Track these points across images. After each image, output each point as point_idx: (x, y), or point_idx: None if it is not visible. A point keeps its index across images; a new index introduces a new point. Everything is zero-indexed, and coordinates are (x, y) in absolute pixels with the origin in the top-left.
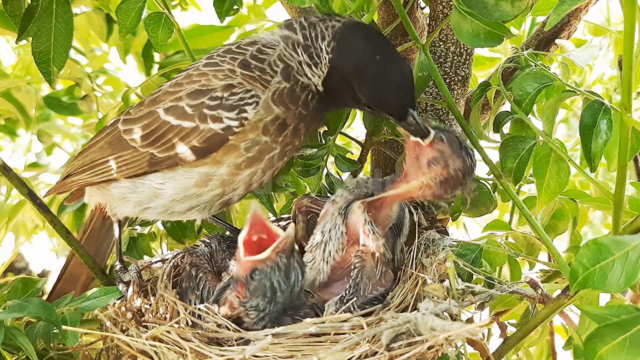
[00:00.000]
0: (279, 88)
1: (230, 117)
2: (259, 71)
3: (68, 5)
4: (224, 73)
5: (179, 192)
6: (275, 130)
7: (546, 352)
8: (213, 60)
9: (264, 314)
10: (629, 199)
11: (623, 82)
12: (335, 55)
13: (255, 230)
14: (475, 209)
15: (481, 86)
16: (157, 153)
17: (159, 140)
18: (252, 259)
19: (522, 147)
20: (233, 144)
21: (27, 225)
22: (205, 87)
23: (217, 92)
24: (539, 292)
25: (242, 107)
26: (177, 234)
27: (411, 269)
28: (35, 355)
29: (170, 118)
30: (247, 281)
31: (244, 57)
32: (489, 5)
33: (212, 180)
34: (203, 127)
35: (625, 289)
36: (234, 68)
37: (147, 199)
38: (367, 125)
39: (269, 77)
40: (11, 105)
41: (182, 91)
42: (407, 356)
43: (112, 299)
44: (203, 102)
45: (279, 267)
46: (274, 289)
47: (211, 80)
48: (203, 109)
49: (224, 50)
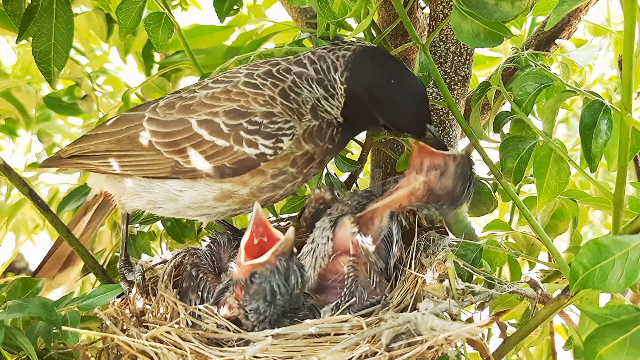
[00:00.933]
0: (310, 126)
1: (267, 144)
2: (297, 104)
3: (68, 5)
4: (264, 99)
5: (196, 201)
6: (302, 163)
7: (546, 352)
8: (254, 81)
9: (264, 316)
10: (629, 199)
11: (623, 82)
12: (349, 84)
13: (257, 233)
14: (476, 209)
15: (481, 86)
16: (182, 162)
17: (188, 151)
18: (252, 263)
19: (522, 147)
20: (262, 170)
21: (27, 225)
22: (244, 109)
23: (257, 117)
24: (539, 292)
25: (280, 137)
26: (177, 233)
27: (409, 268)
28: (35, 355)
29: (203, 132)
30: (247, 284)
31: (284, 87)
32: (489, 5)
33: (232, 197)
34: (237, 149)
35: (625, 289)
36: (275, 96)
37: (161, 201)
38: None
39: (304, 112)
40: (11, 105)
41: (219, 107)
42: (407, 356)
43: (112, 297)
44: (241, 124)
45: (279, 270)
46: (274, 292)
47: (251, 104)
48: (240, 131)
49: (264, 71)
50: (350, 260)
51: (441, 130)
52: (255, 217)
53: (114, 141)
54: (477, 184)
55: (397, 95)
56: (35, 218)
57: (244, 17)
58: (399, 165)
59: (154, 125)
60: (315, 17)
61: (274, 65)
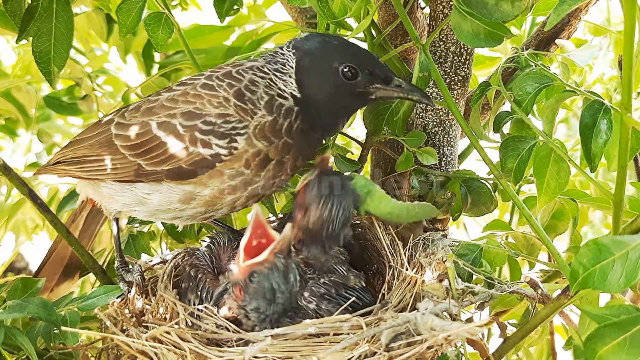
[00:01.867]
0: (262, 122)
1: (220, 144)
2: (251, 104)
3: (68, 5)
4: (218, 100)
5: (163, 204)
6: (256, 165)
7: (546, 352)
8: (211, 83)
9: (264, 315)
10: (629, 199)
11: (623, 82)
12: (300, 51)
13: (256, 235)
14: (476, 209)
15: (481, 86)
16: (144, 165)
17: (148, 153)
18: (251, 263)
19: (522, 147)
20: (219, 171)
21: (27, 225)
22: (199, 111)
23: (212, 118)
24: (539, 292)
25: (234, 136)
26: (177, 233)
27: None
28: (35, 355)
29: (161, 133)
30: (246, 284)
31: (239, 87)
32: (489, 5)
33: (195, 199)
34: (192, 150)
35: (625, 289)
36: (229, 97)
37: (133, 203)
38: (368, 125)
39: (257, 110)
40: (11, 105)
41: (177, 109)
42: (407, 356)
43: (112, 297)
44: (196, 124)
45: (278, 268)
46: (274, 289)
47: (205, 105)
48: (195, 132)
49: (224, 72)
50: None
51: (441, 130)
52: (254, 219)
53: (87, 146)
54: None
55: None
56: (35, 218)
57: (244, 17)
58: (398, 165)
59: (120, 129)
60: (315, 17)
61: (236, 66)
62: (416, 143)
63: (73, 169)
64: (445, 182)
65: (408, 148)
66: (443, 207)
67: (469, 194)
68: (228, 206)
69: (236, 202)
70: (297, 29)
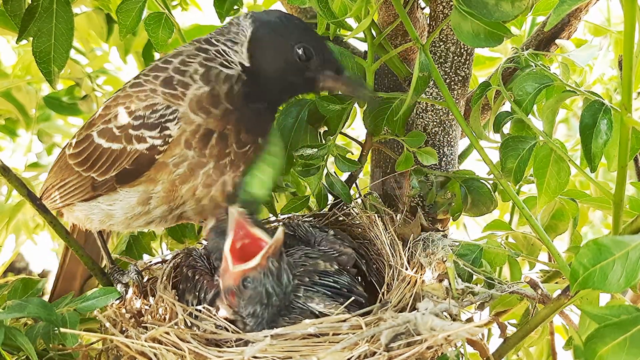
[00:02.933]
0: (196, 94)
1: (153, 135)
2: (182, 86)
3: (68, 5)
4: (145, 94)
5: (127, 212)
6: (198, 142)
7: (546, 352)
8: (138, 81)
9: (261, 319)
10: (629, 199)
11: (623, 82)
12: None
13: (239, 236)
14: (476, 209)
15: (481, 86)
16: (96, 177)
17: (95, 164)
18: (243, 268)
19: (523, 147)
20: (162, 162)
21: (29, 224)
22: (129, 109)
23: (140, 112)
24: (539, 292)
25: (164, 123)
26: (177, 234)
27: (403, 268)
28: (35, 356)
29: (102, 141)
30: (240, 290)
31: (165, 75)
32: (489, 5)
33: (152, 198)
34: (130, 149)
35: (626, 289)
36: (156, 87)
37: (105, 219)
38: (368, 125)
39: (191, 83)
40: (11, 105)
41: (110, 114)
42: (406, 356)
43: (111, 299)
44: (128, 122)
45: (272, 272)
46: (270, 294)
47: (134, 102)
48: (128, 130)
49: (150, 68)
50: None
51: (441, 130)
52: (233, 221)
53: (52, 174)
54: None
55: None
56: (36, 218)
57: None
58: (398, 165)
59: (70, 148)
60: (315, 17)
61: (161, 58)
62: (416, 143)
63: (49, 201)
64: (445, 182)
65: (408, 148)
66: (443, 207)
67: (469, 194)
68: (191, 199)
69: (197, 193)
70: None
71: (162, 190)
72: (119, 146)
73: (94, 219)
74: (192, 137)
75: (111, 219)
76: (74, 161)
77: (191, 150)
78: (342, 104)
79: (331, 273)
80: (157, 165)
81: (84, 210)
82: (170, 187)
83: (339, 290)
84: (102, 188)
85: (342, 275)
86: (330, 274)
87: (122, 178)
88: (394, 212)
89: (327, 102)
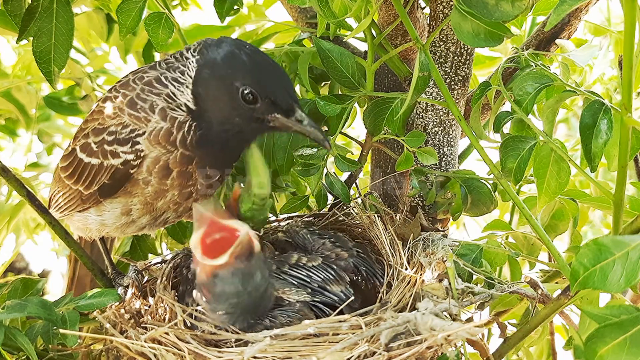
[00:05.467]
0: (156, 128)
1: (126, 150)
2: (144, 112)
3: (68, 5)
4: (114, 112)
5: (115, 221)
6: (158, 173)
7: (546, 352)
8: (110, 95)
9: (236, 315)
10: (629, 199)
11: (623, 82)
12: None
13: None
14: (476, 209)
15: (481, 86)
16: (83, 190)
17: (80, 178)
18: (210, 263)
19: (523, 147)
20: (135, 179)
21: (29, 224)
22: (102, 125)
23: (112, 128)
24: (539, 292)
25: (134, 139)
26: (177, 234)
27: (403, 268)
28: (35, 356)
29: (83, 156)
30: (210, 285)
31: (132, 96)
32: (489, 5)
33: (132, 210)
34: (107, 164)
35: (626, 289)
36: (123, 107)
37: (100, 227)
38: (368, 125)
39: (150, 117)
40: (11, 105)
41: (87, 128)
42: (406, 356)
43: (111, 299)
44: (104, 138)
45: (241, 271)
46: (239, 292)
47: (105, 119)
48: (104, 145)
49: (122, 83)
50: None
51: (441, 130)
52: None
53: (52, 183)
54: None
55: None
56: (36, 218)
57: (244, 17)
58: (398, 165)
59: (61, 161)
60: (315, 17)
61: (136, 73)
62: (416, 143)
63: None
64: (445, 182)
65: (408, 148)
66: (443, 207)
67: (469, 194)
68: (168, 210)
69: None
70: (297, 29)
71: (139, 203)
72: (98, 161)
73: (91, 227)
74: (152, 166)
75: (105, 228)
76: (64, 174)
77: (151, 177)
78: (342, 104)
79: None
80: (132, 180)
81: (81, 220)
82: (144, 200)
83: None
84: (90, 201)
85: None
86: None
87: (103, 192)
88: (394, 212)
89: (327, 102)
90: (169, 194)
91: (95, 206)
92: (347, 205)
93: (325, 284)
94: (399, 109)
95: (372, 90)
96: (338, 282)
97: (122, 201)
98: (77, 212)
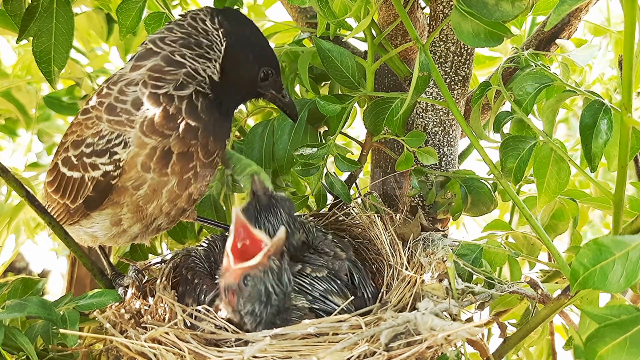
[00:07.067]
0: (147, 117)
1: (104, 162)
2: (125, 113)
3: (68, 5)
4: (92, 121)
5: (107, 232)
6: (156, 164)
7: (546, 352)
8: (86, 107)
9: (260, 318)
10: (629, 199)
11: (623, 82)
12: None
13: (240, 236)
14: (476, 209)
15: (481, 86)
16: (69, 204)
17: (65, 193)
18: (244, 266)
19: (523, 147)
20: (122, 186)
21: (29, 224)
22: (80, 137)
23: (89, 139)
24: (539, 292)
25: (111, 149)
26: (177, 234)
27: (403, 268)
28: (35, 356)
29: (65, 170)
30: (240, 288)
31: (109, 101)
32: (489, 5)
33: (122, 219)
34: (87, 177)
35: (626, 289)
36: (101, 114)
37: (93, 239)
38: (368, 125)
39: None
40: (11, 105)
41: (67, 142)
42: (406, 356)
43: (110, 299)
44: (82, 151)
45: (272, 271)
46: (269, 292)
47: (84, 131)
48: (83, 158)
49: (98, 92)
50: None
51: (441, 130)
52: (235, 221)
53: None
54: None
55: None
56: (36, 217)
57: None
58: (398, 165)
59: (47, 176)
60: (315, 17)
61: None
62: (416, 143)
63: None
64: (445, 182)
65: (408, 148)
66: (443, 207)
67: (469, 194)
68: (160, 215)
69: (163, 209)
70: (297, 29)
71: (129, 212)
72: (79, 174)
73: (84, 239)
74: (148, 159)
75: (97, 240)
76: (50, 189)
77: (150, 173)
78: (342, 103)
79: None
80: (118, 189)
81: (74, 233)
82: (135, 208)
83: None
84: (78, 214)
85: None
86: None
87: (89, 205)
88: (394, 212)
89: (327, 102)
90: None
91: (84, 219)
92: (347, 205)
93: (327, 294)
94: (399, 109)
95: (372, 90)
96: (339, 295)
97: (110, 212)
98: (69, 225)
